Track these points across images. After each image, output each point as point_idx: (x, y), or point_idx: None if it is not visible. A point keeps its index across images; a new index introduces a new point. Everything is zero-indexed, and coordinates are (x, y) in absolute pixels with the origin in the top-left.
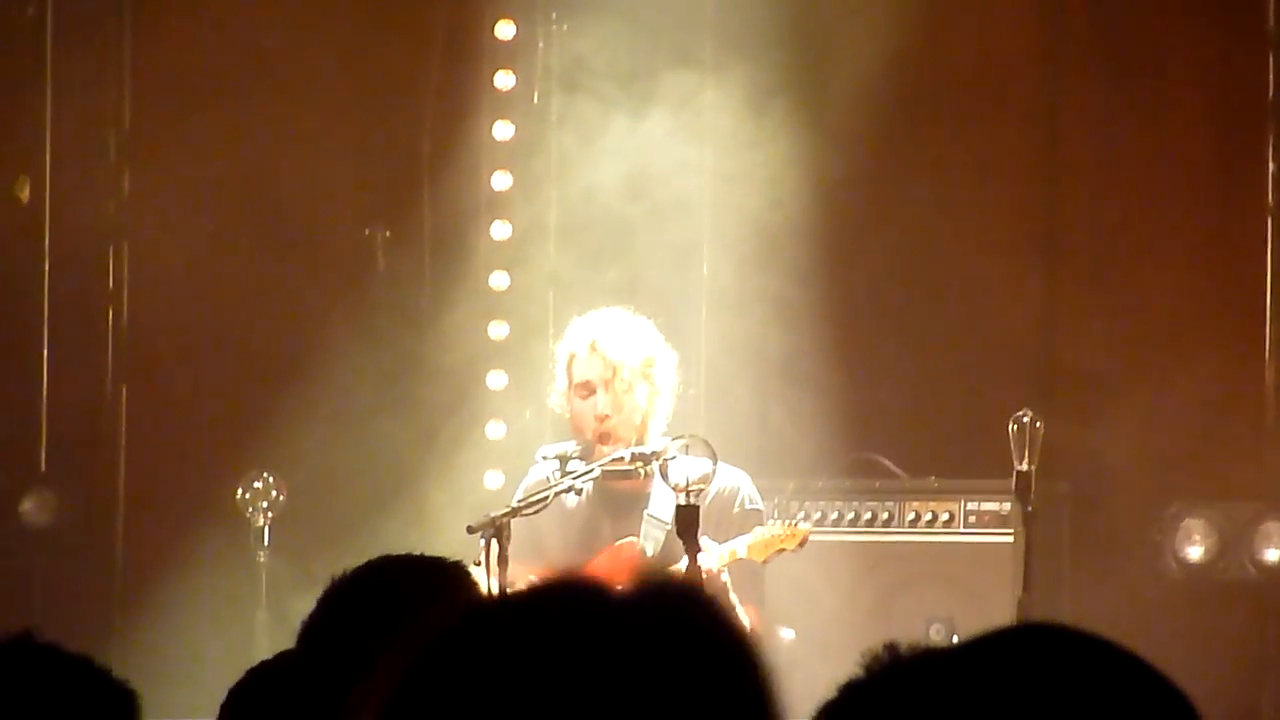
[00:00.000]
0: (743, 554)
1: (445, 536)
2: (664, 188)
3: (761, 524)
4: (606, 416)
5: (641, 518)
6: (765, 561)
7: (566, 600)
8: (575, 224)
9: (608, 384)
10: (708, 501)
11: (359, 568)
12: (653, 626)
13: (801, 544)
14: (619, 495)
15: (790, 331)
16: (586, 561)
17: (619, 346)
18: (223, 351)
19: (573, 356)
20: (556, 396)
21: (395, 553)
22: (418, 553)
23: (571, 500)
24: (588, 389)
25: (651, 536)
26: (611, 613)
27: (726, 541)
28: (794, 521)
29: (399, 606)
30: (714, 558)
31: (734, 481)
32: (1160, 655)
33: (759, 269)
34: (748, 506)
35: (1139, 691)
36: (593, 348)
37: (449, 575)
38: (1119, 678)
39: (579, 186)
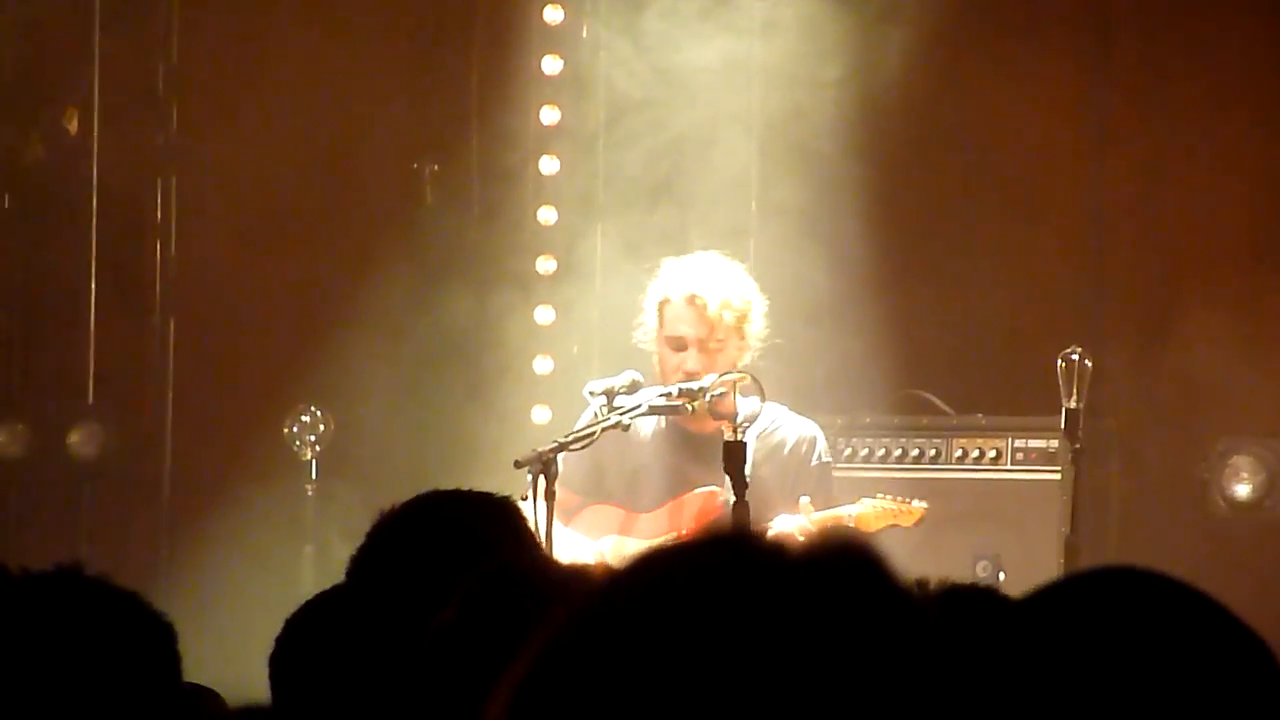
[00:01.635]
0: (849, 521)
1: (492, 472)
2: (715, 124)
3: (831, 479)
4: (696, 373)
5: (720, 461)
6: (875, 533)
7: (737, 563)
8: (623, 160)
9: (702, 342)
10: (786, 451)
11: (407, 502)
12: (841, 595)
13: (918, 523)
14: (700, 441)
15: (839, 267)
16: (658, 503)
17: (717, 302)
18: (270, 286)
19: (666, 302)
20: (645, 335)
21: (443, 488)
22: (465, 488)
23: (643, 435)
24: (680, 343)
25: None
26: (791, 579)
27: (800, 493)
28: (908, 500)
29: (448, 541)
30: (814, 516)
31: (809, 432)
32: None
33: (808, 206)
34: (824, 459)
35: (1221, 640)
36: (690, 301)
37: (497, 510)
38: (1199, 625)
39: (627, 122)
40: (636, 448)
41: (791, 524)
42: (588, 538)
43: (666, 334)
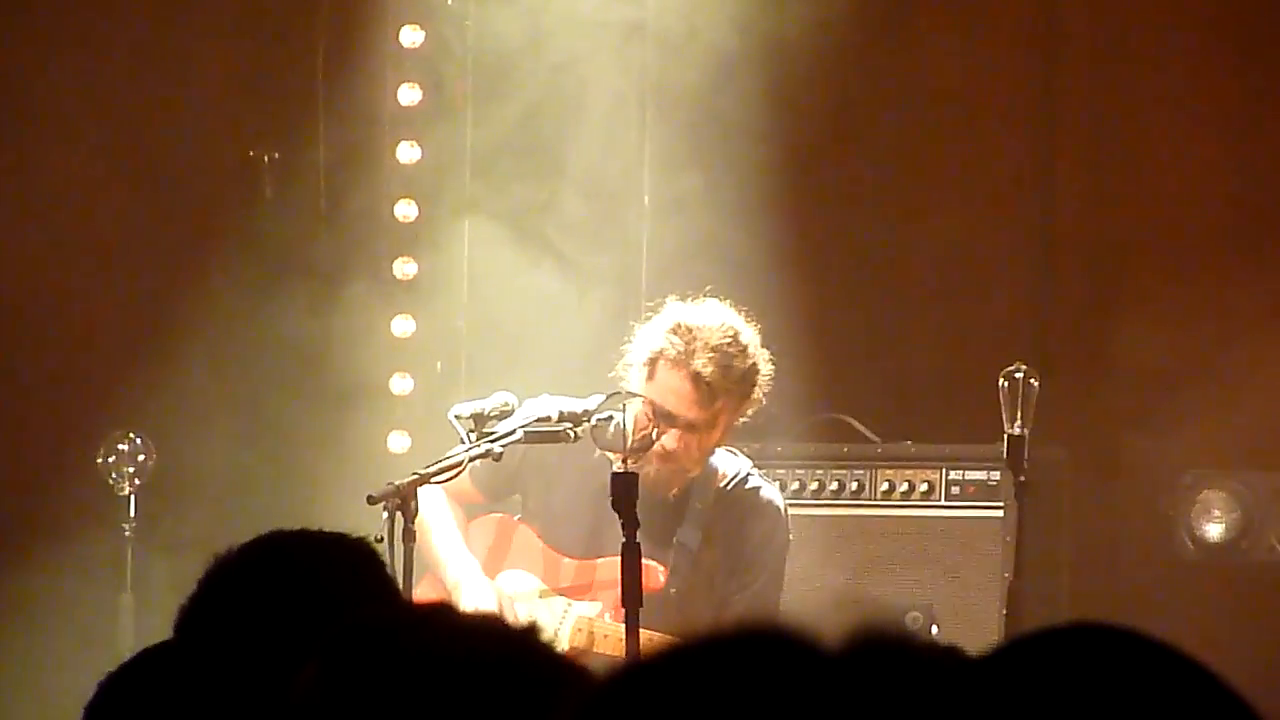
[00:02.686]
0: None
1: (343, 509)
2: (601, 103)
3: (785, 557)
4: (674, 456)
5: (670, 540)
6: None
7: (768, 660)
8: (494, 146)
9: (692, 426)
10: (738, 519)
11: (247, 545)
12: (883, 695)
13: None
14: (646, 501)
15: (743, 267)
16: (587, 552)
17: (725, 391)
18: (84, 298)
19: (665, 363)
20: (628, 370)
21: (286, 527)
22: (313, 528)
23: (585, 469)
24: (666, 419)
25: (678, 569)
26: (828, 676)
27: (749, 581)
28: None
29: (295, 590)
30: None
31: (777, 501)
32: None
33: (708, 195)
34: (786, 540)
35: (1209, 709)
36: (695, 380)
37: (352, 554)
38: (1182, 693)
39: (499, 102)
40: (585, 474)
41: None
42: (484, 550)
43: (653, 397)
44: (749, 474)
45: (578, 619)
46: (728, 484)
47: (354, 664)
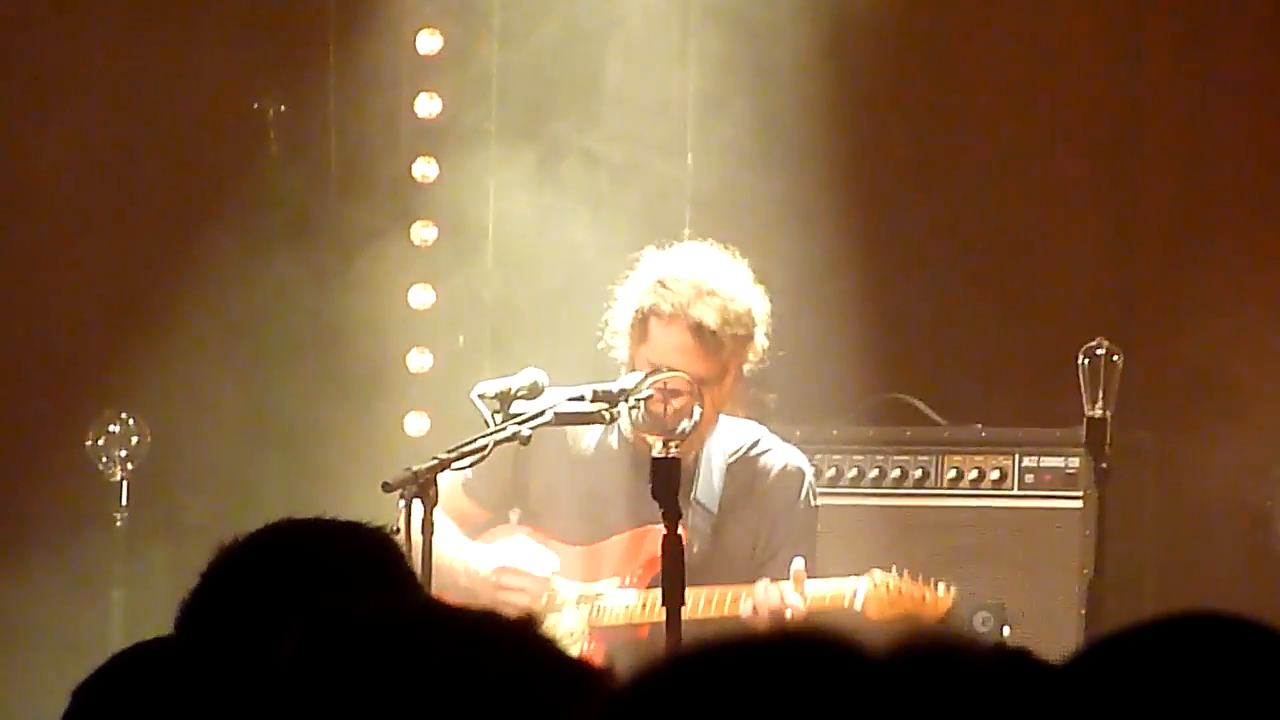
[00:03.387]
0: (848, 603)
1: (355, 497)
2: (641, 57)
3: (815, 531)
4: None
5: (687, 501)
6: (879, 623)
7: (806, 668)
8: (523, 100)
9: (705, 383)
10: (767, 484)
11: (254, 534)
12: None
13: (946, 618)
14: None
15: (799, 237)
16: (599, 534)
17: (730, 334)
18: (73, 264)
19: (656, 318)
20: (615, 342)
21: (296, 515)
22: (324, 516)
23: (588, 448)
24: (673, 390)
25: (698, 529)
26: (871, 686)
27: (779, 545)
28: (931, 581)
29: (308, 583)
30: (802, 593)
31: (796, 461)
32: None
33: (759, 160)
34: (812, 503)
35: None
36: (696, 331)
37: (368, 545)
38: None
39: (528, 51)
40: (579, 464)
41: (776, 598)
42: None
43: (652, 358)
44: (758, 439)
45: (579, 597)
46: (737, 454)
47: (332, 653)
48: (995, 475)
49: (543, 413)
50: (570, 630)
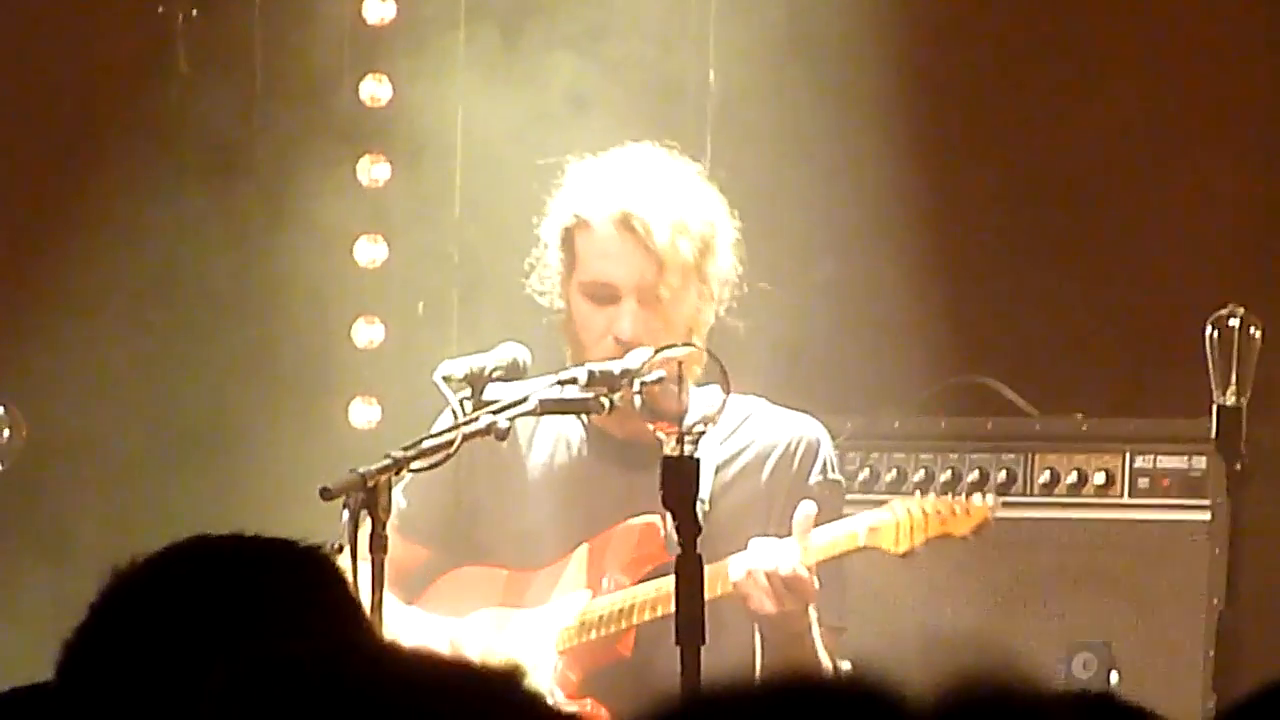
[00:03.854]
0: (863, 541)
1: (288, 505)
2: None
3: (841, 505)
4: (637, 340)
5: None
6: (907, 553)
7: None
8: (496, 16)
9: (645, 290)
10: (769, 466)
11: (155, 556)
12: None
13: (979, 530)
14: (630, 447)
15: (845, 181)
16: (559, 553)
17: (668, 224)
18: None
19: (581, 227)
20: (544, 282)
21: (211, 532)
22: (247, 532)
23: (541, 451)
24: (608, 293)
25: None
26: None
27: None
28: (962, 495)
29: (221, 620)
30: (803, 545)
31: (807, 432)
32: None
33: (800, 106)
34: (830, 475)
35: None
36: (623, 224)
37: (301, 566)
38: None
39: None
40: (531, 472)
41: (771, 554)
42: (444, 616)
43: (583, 279)
44: (752, 411)
45: (561, 615)
46: (742, 420)
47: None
48: (1100, 479)
49: (524, 399)
50: (536, 658)
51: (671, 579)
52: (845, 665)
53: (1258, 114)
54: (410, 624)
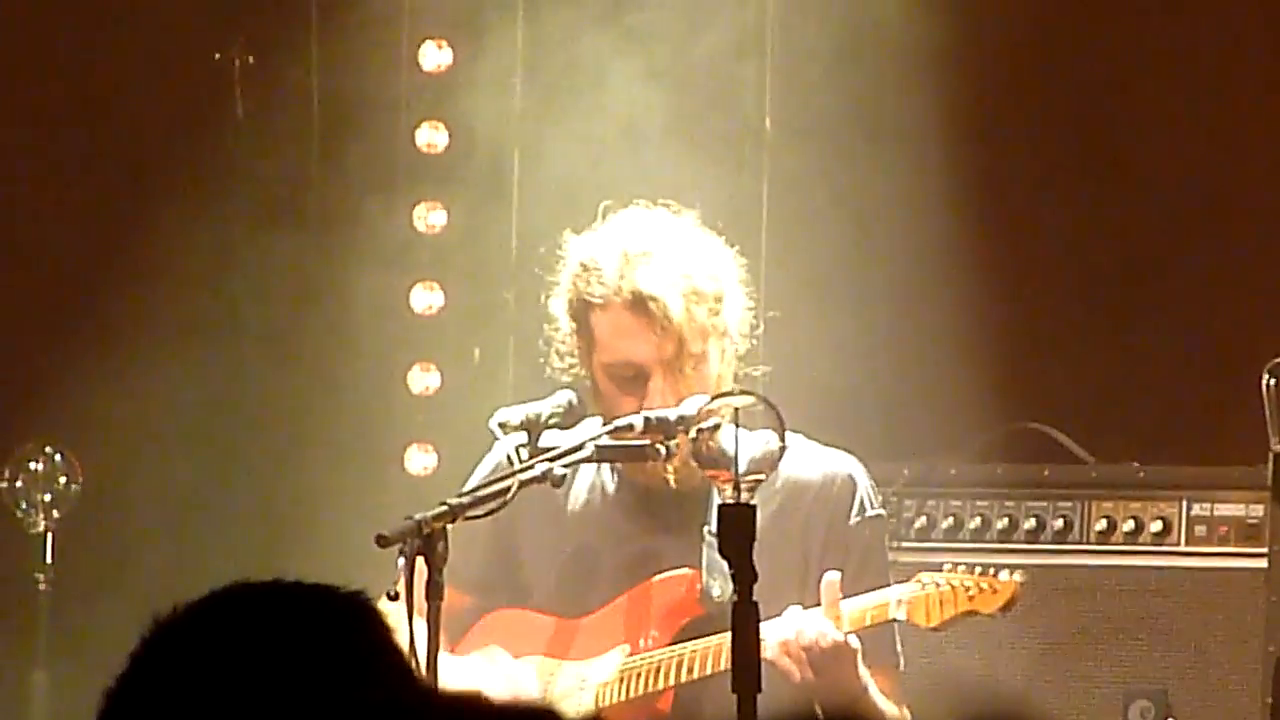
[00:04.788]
0: (899, 615)
1: (342, 552)
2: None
3: (883, 547)
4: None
5: (699, 535)
6: (939, 628)
7: None
8: (561, 44)
9: (670, 365)
10: (804, 508)
11: (196, 603)
12: None
13: (1007, 608)
14: (662, 495)
15: (899, 224)
16: (601, 600)
17: (682, 299)
18: None
19: (593, 309)
20: (565, 353)
21: (262, 577)
22: (293, 578)
23: (578, 496)
24: (634, 372)
25: (719, 568)
26: None
27: (844, 574)
28: (991, 570)
29: (262, 664)
30: (840, 617)
31: (843, 468)
32: None
33: (855, 145)
34: (869, 513)
35: None
36: (638, 305)
37: (344, 613)
38: None
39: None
40: (568, 514)
41: (805, 627)
42: (492, 664)
43: (605, 360)
44: (804, 442)
45: (601, 672)
46: (752, 464)
47: None
48: (1157, 527)
49: (581, 446)
50: (576, 712)
51: (708, 639)
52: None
53: None
54: (464, 670)
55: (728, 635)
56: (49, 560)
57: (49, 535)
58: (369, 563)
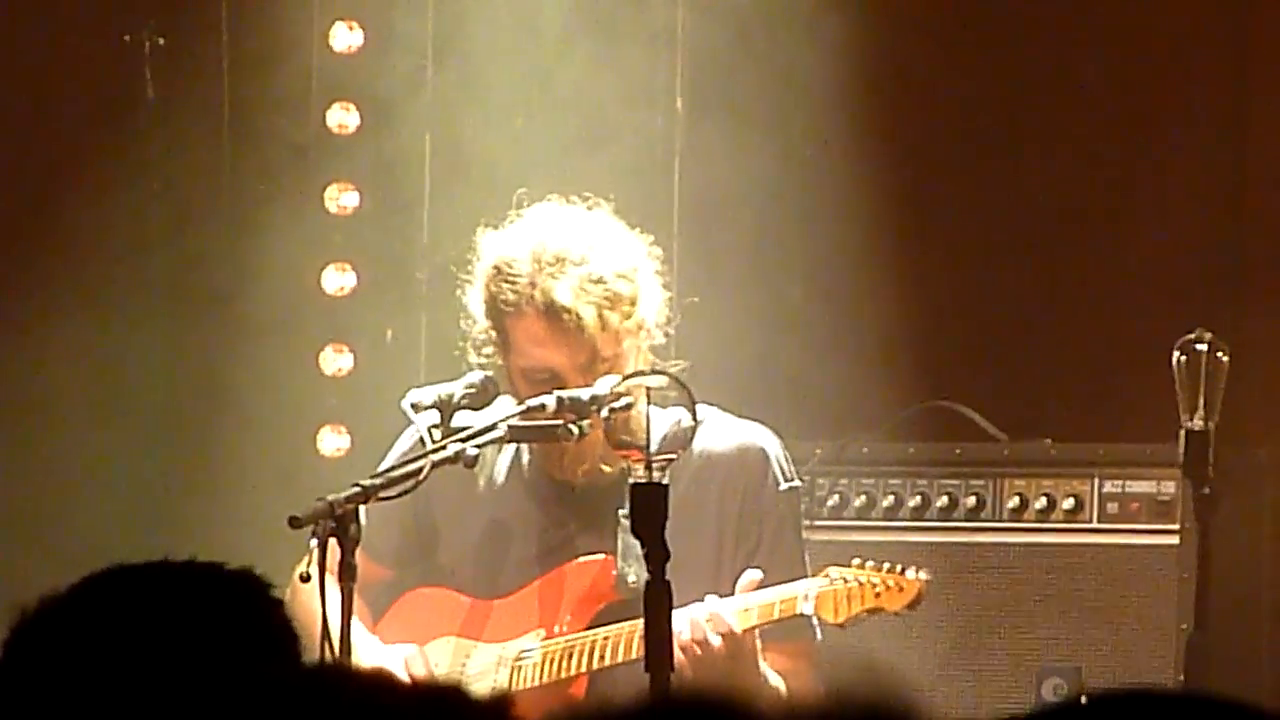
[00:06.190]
0: (807, 609)
1: (253, 534)
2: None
3: (798, 521)
4: None
5: (614, 520)
6: (846, 623)
7: None
8: (467, 18)
9: (585, 368)
10: (718, 481)
11: (73, 587)
12: None
13: (913, 605)
14: (577, 490)
15: (820, 215)
16: (515, 583)
17: (594, 303)
18: None
19: (508, 314)
20: (480, 348)
21: (166, 560)
22: (203, 560)
23: (497, 476)
24: (546, 377)
25: (634, 554)
26: None
27: (747, 550)
28: (897, 568)
29: (140, 650)
30: (742, 610)
31: (757, 440)
32: None
33: (764, 111)
34: (783, 485)
35: None
36: (551, 314)
37: (230, 594)
38: None
39: None
40: (484, 496)
41: (699, 624)
42: (403, 642)
43: (520, 364)
44: (717, 414)
45: (516, 655)
46: (664, 442)
47: None
48: (1069, 504)
49: (493, 427)
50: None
51: (622, 624)
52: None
53: (1222, 137)
54: (371, 650)
55: (641, 621)
56: None
57: None
58: (283, 543)
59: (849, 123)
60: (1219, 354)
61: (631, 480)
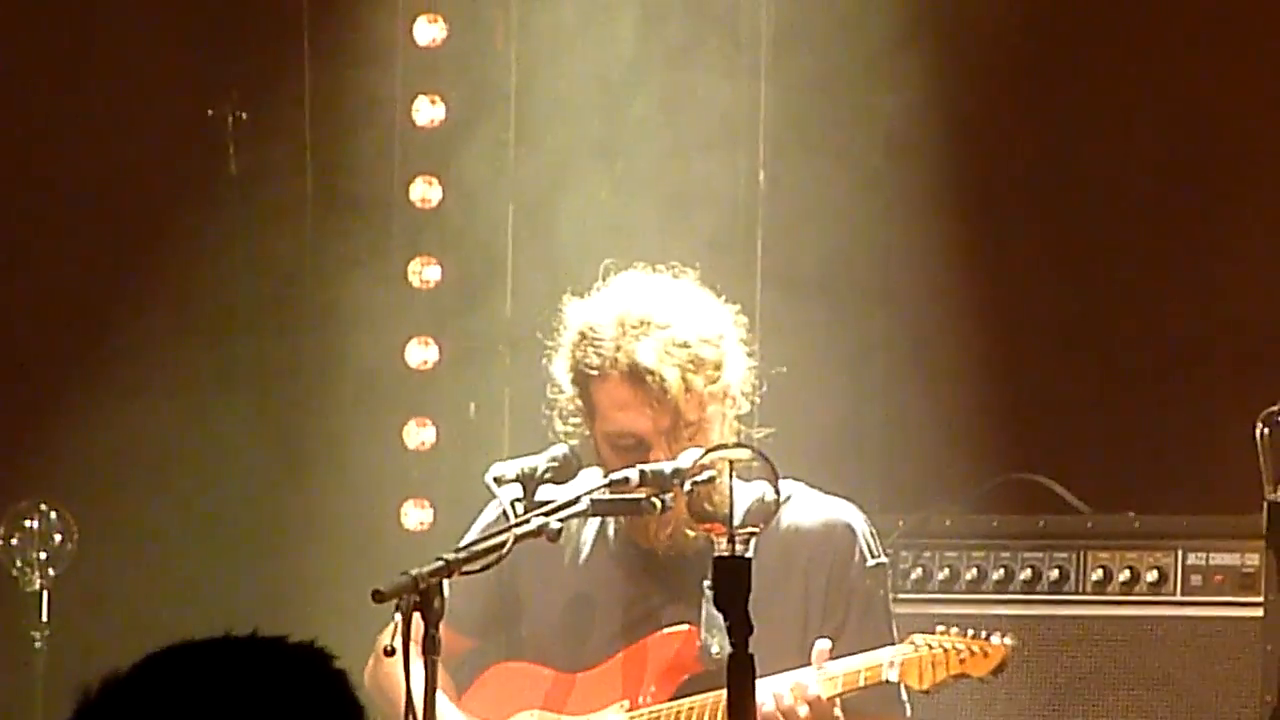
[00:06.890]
0: (892, 676)
1: (337, 607)
2: (687, 78)
3: (885, 596)
4: None
5: (698, 591)
6: (930, 690)
7: None
8: (550, 106)
9: (670, 434)
10: (804, 556)
11: (135, 666)
12: None
13: (997, 671)
14: (661, 557)
15: (906, 288)
16: (599, 655)
17: (677, 366)
18: None
19: (593, 379)
20: (567, 416)
21: (260, 635)
22: (291, 637)
23: (582, 548)
24: (633, 443)
25: (717, 624)
26: None
27: (846, 622)
28: (983, 634)
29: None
30: (826, 678)
31: (843, 516)
32: None
33: (856, 187)
34: (870, 561)
35: None
36: (635, 378)
37: (291, 665)
38: None
39: (547, 37)
40: (569, 569)
41: (783, 694)
42: (488, 716)
43: (605, 429)
44: (803, 490)
45: None
46: (747, 516)
47: None
48: (1153, 576)
49: (576, 500)
50: None
51: (706, 694)
52: None
53: None
54: None
55: (725, 692)
56: (45, 619)
57: (44, 593)
58: (366, 618)
59: (937, 199)
60: None
61: (715, 553)
